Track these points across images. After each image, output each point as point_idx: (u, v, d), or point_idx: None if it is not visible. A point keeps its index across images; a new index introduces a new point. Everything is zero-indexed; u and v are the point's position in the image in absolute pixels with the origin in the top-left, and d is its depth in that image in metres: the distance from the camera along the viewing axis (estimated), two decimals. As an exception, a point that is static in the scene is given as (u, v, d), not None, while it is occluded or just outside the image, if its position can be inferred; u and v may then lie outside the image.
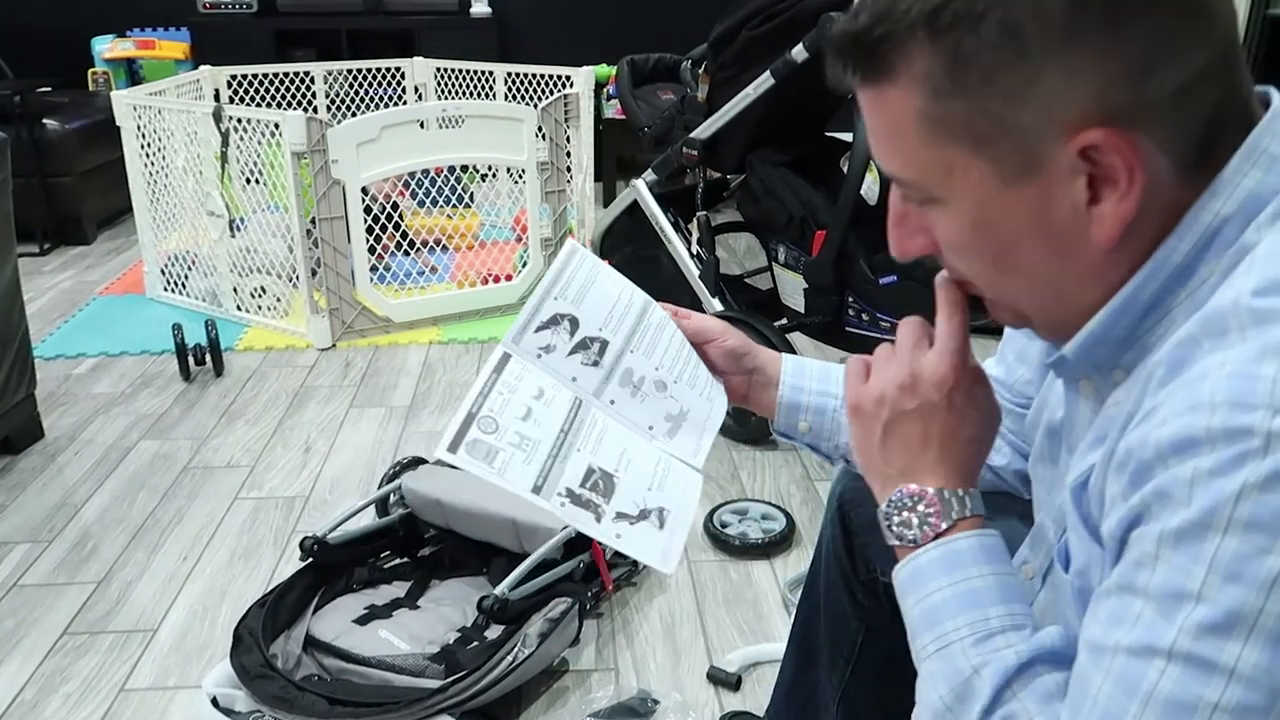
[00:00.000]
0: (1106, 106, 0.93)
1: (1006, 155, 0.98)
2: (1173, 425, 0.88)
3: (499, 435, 1.30)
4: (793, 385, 1.58)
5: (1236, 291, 0.91)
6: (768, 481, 3.37)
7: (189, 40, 7.20)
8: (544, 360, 1.42)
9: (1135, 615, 0.90)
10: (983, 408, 1.22)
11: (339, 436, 3.73)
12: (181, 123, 4.73)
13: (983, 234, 1.04)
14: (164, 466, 3.52)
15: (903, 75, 0.99)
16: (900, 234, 1.14)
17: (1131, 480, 0.92)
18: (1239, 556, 0.84)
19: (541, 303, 1.46)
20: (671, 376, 1.49)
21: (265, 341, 4.62)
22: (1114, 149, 0.94)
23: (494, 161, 4.99)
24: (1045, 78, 0.94)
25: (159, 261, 5.14)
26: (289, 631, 2.52)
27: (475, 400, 1.34)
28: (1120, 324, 1.03)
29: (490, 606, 2.40)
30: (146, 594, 2.83)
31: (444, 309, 4.84)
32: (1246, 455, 0.84)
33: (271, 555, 3.00)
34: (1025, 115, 0.95)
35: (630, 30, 7.63)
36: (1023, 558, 1.30)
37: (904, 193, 1.10)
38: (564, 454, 1.33)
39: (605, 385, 1.45)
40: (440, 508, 2.71)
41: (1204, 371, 0.89)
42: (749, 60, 3.45)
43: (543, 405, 1.36)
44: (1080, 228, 0.99)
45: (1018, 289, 1.09)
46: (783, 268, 3.64)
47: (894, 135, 1.04)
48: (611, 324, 1.49)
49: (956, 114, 0.98)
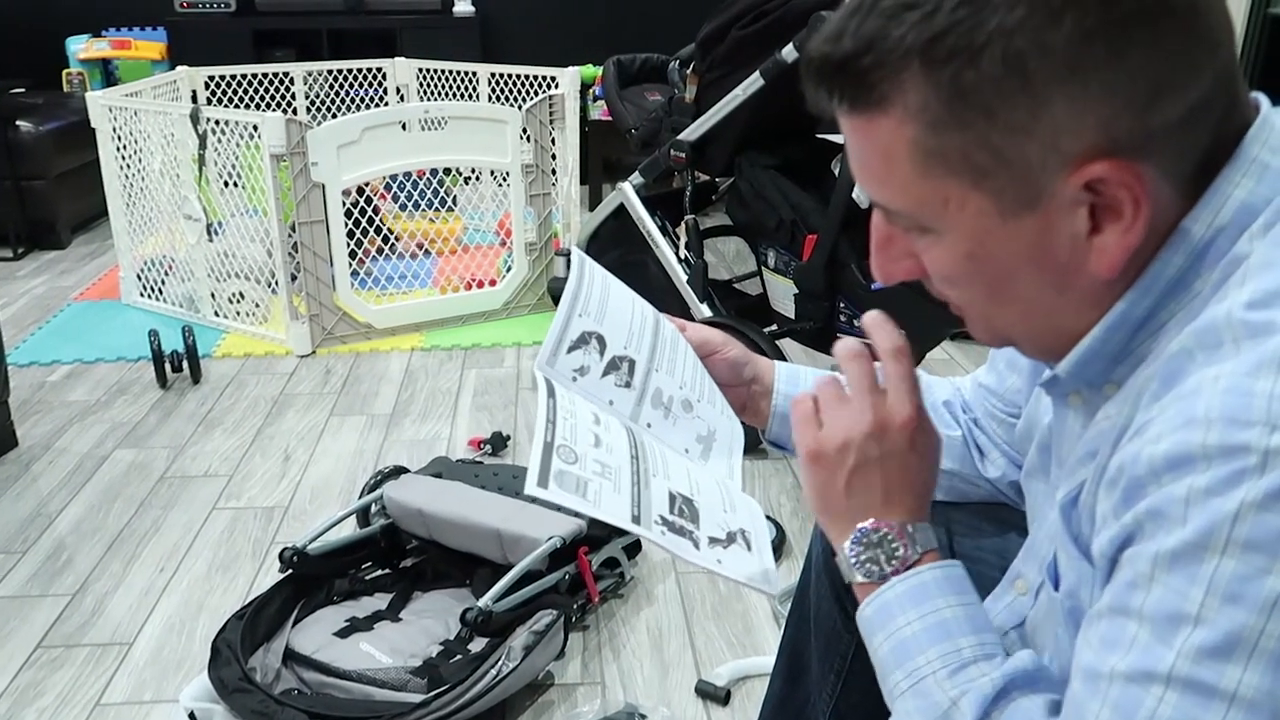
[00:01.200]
0: (1112, 138, 0.92)
1: (1007, 188, 0.97)
2: (1167, 441, 0.88)
3: (581, 465, 1.23)
4: (787, 394, 1.57)
5: (1230, 304, 0.91)
6: (757, 491, 3.37)
7: (165, 40, 7.19)
8: (580, 384, 1.36)
9: (1130, 639, 0.89)
10: (933, 442, 1.23)
11: (319, 445, 3.72)
12: (158, 124, 4.72)
13: (978, 265, 1.03)
14: (140, 476, 3.52)
15: (896, 105, 0.97)
16: (884, 259, 1.12)
17: (1124, 497, 0.91)
18: (1238, 578, 0.83)
19: (569, 321, 1.40)
20: (695, 395, 1.46)
21: (244, 348, 4.62)
22: (1120, 182, 0.93)
23: (477, 164, 4.98)
24: (1050, 110, 0.92)
25: (135, 266, 5.13)
26: (268, 644, 2.52)
27: (547, 429, 1.26)
28: (1114, 340, 1.02)
29: (474, 619, 2.39)
30: (122, 606, 2.82)
31: (426, 315, 4.84)
32: (1243, 473, 0.83)
33: (250, 566, 2.99)
34: (1029, 148, 0.94)
35: (617, 30, 7.63)
36: (1016, 572, 1.29)
37: (890, 219, 1.09)
38: (644, 480, 1.27)
39: (640, 408, 1.41)
40: (422, 518, 2.71)
41: (1198, 386, 0.88)
42: (738, 60, 3.45)
43: (604, 431, 1.30)
44: (1079, 258, 0.98)
45: (1010, 318, 1.08)
46: (773, 273, 3.64)
47: (885, 165, 1.02)
48: (634, 341, 1.44)
49: (954, 146, 0.96)
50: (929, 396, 1.59)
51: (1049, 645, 1.18)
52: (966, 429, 1.57)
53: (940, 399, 1.59)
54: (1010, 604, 1.30)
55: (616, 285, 1.49)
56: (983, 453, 1.56)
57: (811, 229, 3.42)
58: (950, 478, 1.57)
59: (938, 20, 0.93)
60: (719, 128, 3.56)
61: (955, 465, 1.56)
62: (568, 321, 1.40)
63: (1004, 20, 0.91)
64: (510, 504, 2.69)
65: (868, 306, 3.38)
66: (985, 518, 1.57)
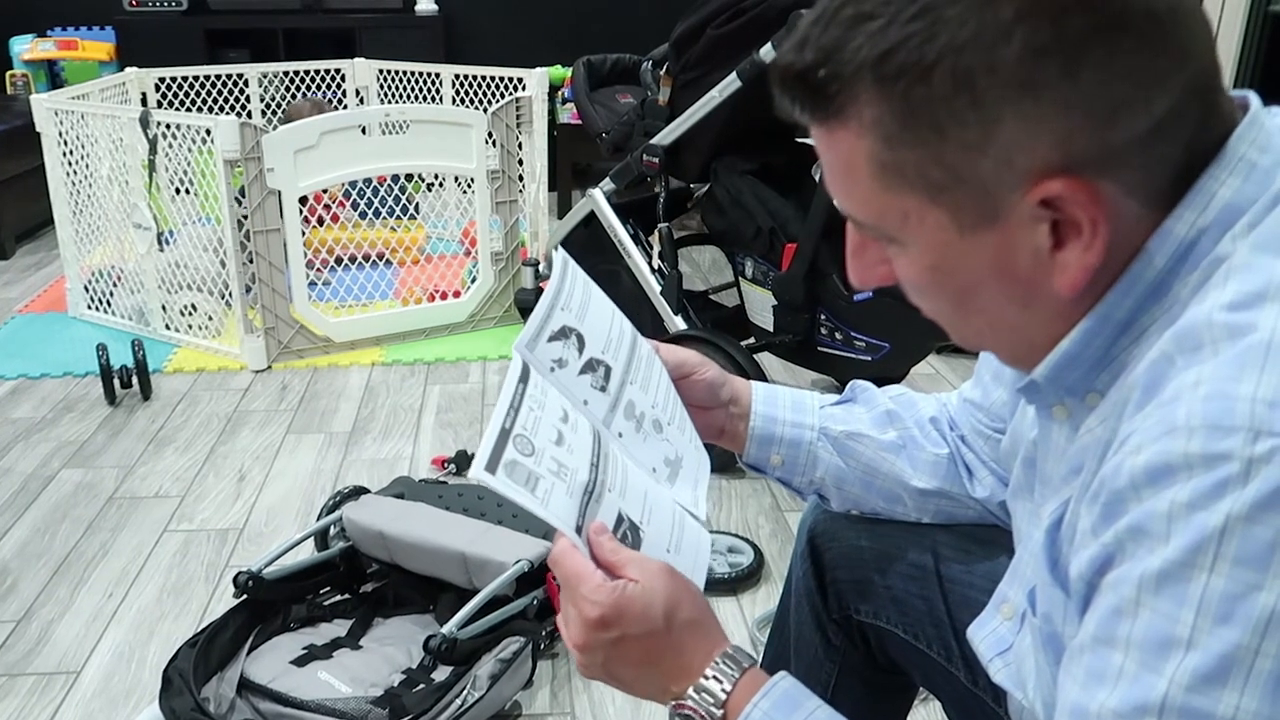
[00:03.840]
0: (1069, 155, 0.93)
1: (964, 204, 0.98)
2: (1147, 452, 0.87)
3: (537, 460, 1.21)
4: (765, 415, 1.58)
5: (1210, 305, 0.91)
6: (734, 512, 3.37)
7: (114, 40, 7.17)
8: (557, 376, 1.35)
9: (1117, 671, 0.88)
10: (653, 593, 1.18)
11: (275, 464, 3.71)
12: (106, 128, 4.71)
13: (941, 278, 1.04)
14: (88, 497, 3.50)
15: (852, 119, 0.98)
16: (859, 264, 1.13)
17: (1103, 514, 0.91)
18: (1228, 596, 0.82)
19: (551, 311, 1.38)
20: (666, 417, 1.45)
21: (196, 363, 4.60)
22: (1075, 201, 0.93)
23: (441, 170, 4.98)
24: (1002, 128, 0.93)
25: (82, 277, 5.11)
26: (222, 673, 2.51)
27: (507, 415, 1.23)
28: (1093, 345, 1.02)
29: (437, 646, 2.39)
30: (69, 633, 2.81)
31: (387, 328, 4.84)
32: (1226, 484, 0.83)
33: (203, 592, 2.98)
34: (983, 165, 0.95)
35: (586, 29, 7.64)
36: (1003, 596, 1.29)
37: (859, 228, 1.10)
38: (598, 492, 1.25)
39: (613, 415, 1.40)
40: (384, 540, 2.71)
41: (1178, 392, 0.88)
42: (714, 61, 3.45)
43: (570, 430, 1.28)
44: (1043, 275, 0.99)
45: (979, 329, 1.09)
46: (750, 283, 3.65)
47: (847, 176, 1.03)
48: (611, 348, 1.43)
49: (909, 162, 0.97)
50: (916, 413, 1.60)
51: (1031, 674, 1.18)
52: (954, 447, 1.57)
53: (927, 415, 1.60)
54: (995, 629, 1.29)
55: (597, 292, 1.48)
56: (970, 472, 1.56)
57: (791, 237, 3.43)
58: (939, 499, 1.58)
59: (891, 34, 0.94)
60: (694, 132, 3.57)
61: (944, 485, 1.56)
62: (550, 311, 1.38)
63: (954, 36, 0.91)
64: (476, 526, 2.69)
65: (849, 318, 3.41)
66: (974, 539, 1.57)
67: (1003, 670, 1.26)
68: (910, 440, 1.58)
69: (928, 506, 1.60)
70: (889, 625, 1.63)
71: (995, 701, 1.48)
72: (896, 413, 1.60)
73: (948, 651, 1.56)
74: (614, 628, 1.16)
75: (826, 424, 1.59)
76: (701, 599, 1.22)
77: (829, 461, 1.59)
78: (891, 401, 1.62)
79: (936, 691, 1.63)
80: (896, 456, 1.57)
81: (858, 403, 1.63)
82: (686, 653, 1.18)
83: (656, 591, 1.17)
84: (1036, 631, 1.12)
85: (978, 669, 1.50)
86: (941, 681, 1.59)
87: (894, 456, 1.57)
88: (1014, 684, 1.23)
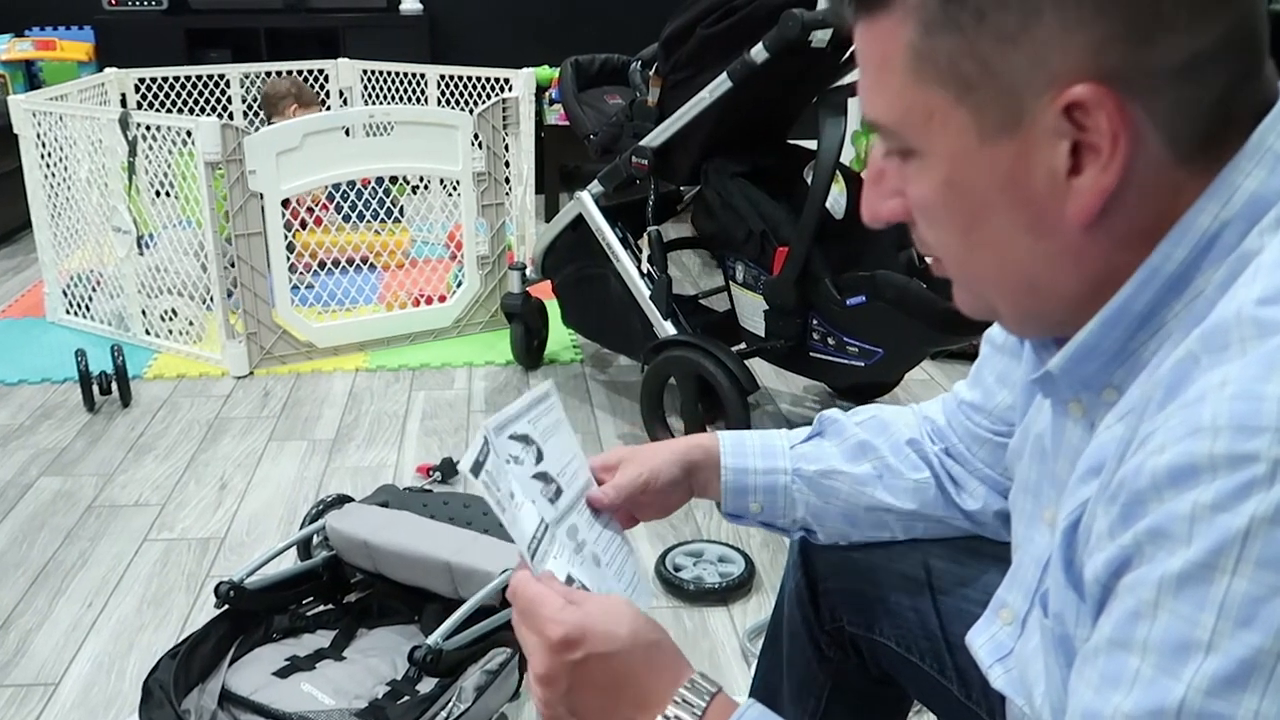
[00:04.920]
0: (1102, 64, 0.92)
1: (989, 106, 0.98)
2: (1170, 453, 0.85)
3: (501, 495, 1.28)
4: (736, 468, 1.59)
5: (1239, 302, 0.89)
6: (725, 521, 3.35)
7: (93, 40, 7.18)
8: (512, 469, 1.38)
9: (1133, 674, 0.86)
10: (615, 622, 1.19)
11: (257, 472, 3.71)
12: (85, 130, 4.70)
13: (954, 195, 1.04)
14: (66, 505, 3.50)
15: (899, 4, 0.99)
16: (875, 194, 1.13)
17: (1123, 515, 0.89)
18: (1251, 599, 0.81)
19: (520, 416, 1.43)
20: (605, 558, 1.47)
21: (177, 369, 4.60)
22: (1101, 108, 0.92)
23: (426, 172, 4.98)
24: (1041, 19, 0.93)
25: (61, 282, 5.11)
26: (203, 685, 2.50)
27: (482, 448, 1.31)
28: (1111, 336, 1.01)
29: (422, 658, 2.38)
30: (48, 644, 2.81)
31: (371, 333, 4.84)
32: (1252, 485, 0.81)
33: (184, 602, 2.98)
34: (1015, 59, 0.95)
35: (574, 29, 7.65)
36: (1001, 601, 1.28)
37: (885, 144, 1.10)
38: (540, 557, 1.30)
39: (558, 527, 1.42)
40: (368, 550, 2.70)
41: (1203, 392, 0.86)
42: (704, 61, 3.46)
43: (515, 507, 1.32)
44: (1056, 202, 0.98)
45: (985, 267, 1.07)
46: (741, 287, 3.65)
47: (881, 72, 1.04)
48: (566, 476, 1.46)
49: (944, 52, 0.98)
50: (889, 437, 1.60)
51: (1039, 678, 1.16)
52: (937, 465, 1.57)
53: (903, 438, 1.59)
54: (995, 635, 1.29)
55: (568, 430, 1.52)
56: (958, 484, 1.56)
57: (782, 241, 3.43)
58: (924, 522, 1.58)
59: None
60: (684, 133, 3.57)
61: (926, 509, 1.57)
62: (519, 415, 1.43)
63: None
64: (462, 535, 2.68)
65: (842, 323, 3.41)
66: (967, 551, 1.57)
67: (1003, 676, 1.26)
68: (886, 470, 1.58)
69: (915, 528, 1.60)
70: (881, 638, 1.63)
71: (989, 715, 1.48)
72: (868, 443, 1.60)
73: (940, 664, 1.56)
74: (579, 647, 1.16)
75: (799, 465, 1.60)
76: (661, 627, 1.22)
77: (807, 502, 1.60)
78: (862, 430, 1.62)
79: (930, 705, 1.63)
80: (874, 489, 1.58)
81: (826, 437, 1.64)
82: (651, 676, 1.17)
83: (621, 613, 1.18)
84: (1048, 632, 1.11)
85: (971, 682, 1.50)
86: (935, 695, 1.59)
87: (871, 489, 1.58)
88: (1015, 690, 1.23)
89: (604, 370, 4.59)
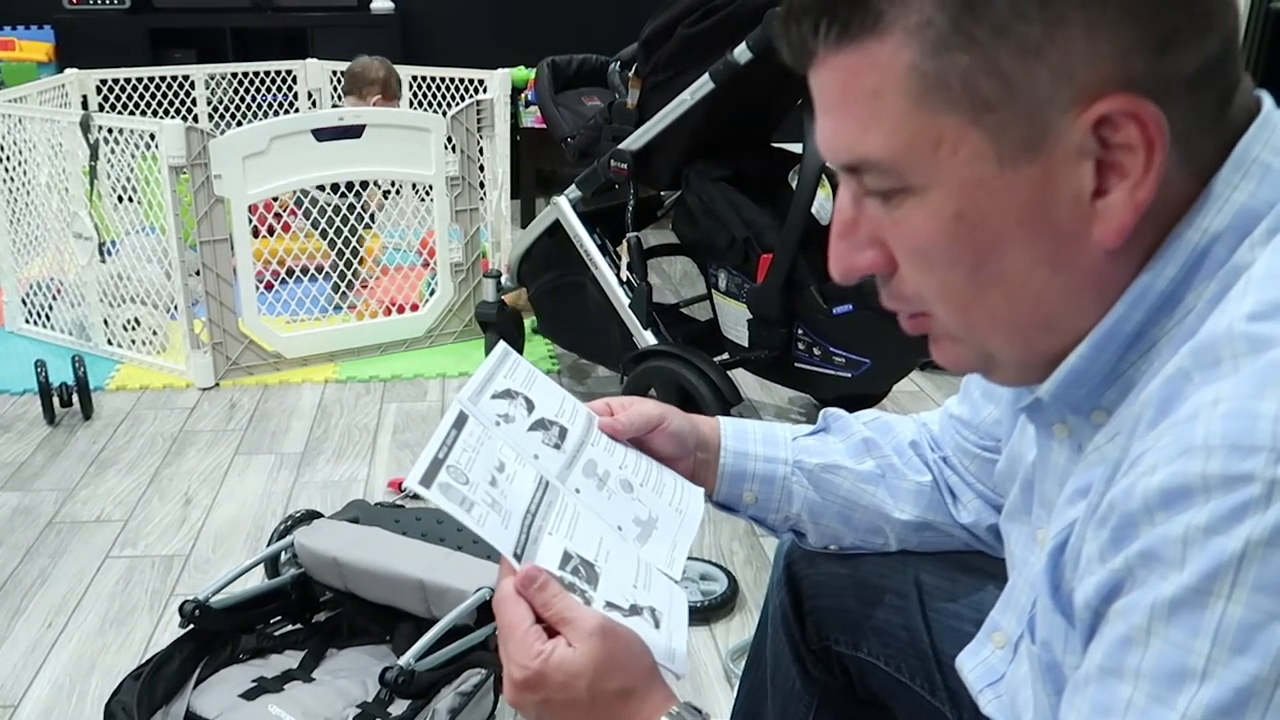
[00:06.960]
0: (1128, 74, 0.91)
1: (1009, 125, 0.94)
2: (1163, 473, 0.84)
3: (472, 489, 1.25)
4: (735, 451, 1.58)
5: (1230, 317, 0.88)
6: (707, 536, 3.37)
7: (53, 40, 7.15)
8: (504, 430, 1.37)
9: (1125, 703, 0.86)
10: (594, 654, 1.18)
11: (223, 487, 3.70)
12: (45, 133, 4.69)
13: (966, 229, 0.99)
14: (25, 522, 3.49)
15: (895, 26, 0.95)
16: (846, 247, 1.08)
17: (1113, 538, 0.89)
18: (1246, 625, 0.80)
19: (491, 376, 1.42)
20: (638, 479, 1.46)
21: (140, 380, 4.60)
22: (1133, 120, 0.91)
23: (398, 177, 4.98)
24: (1066, 29, 0.90)
25: (20, 290, 5.09)
26: (167, 707, 2.49)
27: (440, 447, 1.27)
28: (1101, 359, 1.00)
29: (394, 679, 2.38)
30: (6, 665, 2.80)
31: (341, 343, 4.84)
32: (1247, 506, 0.80)
33: (147, 621, 2.98)
34: (1039, 73, 0.92)
35: (551, 29, 7.64)
36: (994, 624, 1.28)
37: (866, 186, 1.04)
38: (534, 535, 1.27)
39: (569, 471, 1.41)
40: (338, 567, 2.69)
41: (1195, 410, 0.85)
42: (685, 62, 3.46)
43: (506, 480, 1.30)
44: (1080, 226, 0.95)
45: (993, 309, 1.03)
46: (724, 296, 3.65)
47: (871, 105, 0.99)
48: (565, 415, 1.46)
49: (957, 71, 0.94)
50: (893, 438, 1.60)
51: (1029, 706, 1.16)
52: (937, 471, 1.57)
53: (906, 440, 1.59)
54: (986, 659, 1.29)
55: (544, 377, 1.51)
56: (955, 495, 1.56)
57: (766, 248, 3.43)
58: (922, 530, 1.57)
59: None
60: (664, 136, 3.57)
61: (927, 514, 1.56)
62: (491, 375, 1.42)
63: None
64: (435, 552, 2.68)
65: (828, 333, 3.41)
66: (960, 567, 1.57)
67: (993, 702, 1.25)
68: (890, 469, 1.58)
69: (910, 539, 1.59)
70: (870, 657, 1.63)
71: (981, 737, 1.48)
72: (873, 440, 1.59)
73: (931, 685, 1.56)
74: (538, 691, 1.17)
75: (800, 457, 1.59)
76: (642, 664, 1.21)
77: (804, 496, 1.59)
78: (867, 429, 1.61)
79: (920, 727, 1.63)
80: (876, 487, 1.57)
81: (831, 432, 1.63)
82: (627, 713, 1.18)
83: (585, 659, 1.17)
84: (1035, 659, 1.10)
85: (963, 704, 1.49)
86: (925, 716, 1.58)
87: (873, 487, 1.57)
88: (1005, 716, 1.22)
89: (582, 382, 4.58)
